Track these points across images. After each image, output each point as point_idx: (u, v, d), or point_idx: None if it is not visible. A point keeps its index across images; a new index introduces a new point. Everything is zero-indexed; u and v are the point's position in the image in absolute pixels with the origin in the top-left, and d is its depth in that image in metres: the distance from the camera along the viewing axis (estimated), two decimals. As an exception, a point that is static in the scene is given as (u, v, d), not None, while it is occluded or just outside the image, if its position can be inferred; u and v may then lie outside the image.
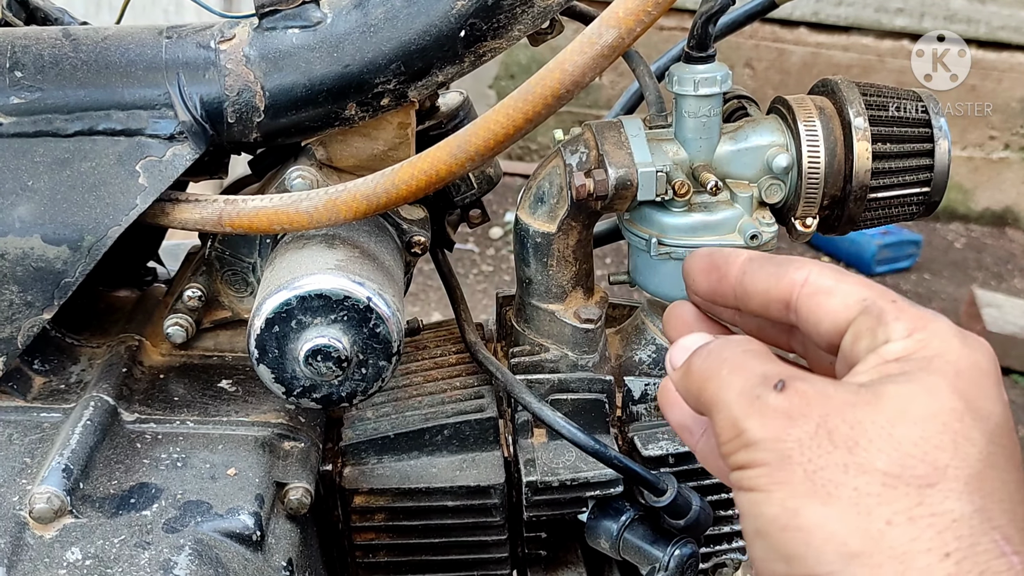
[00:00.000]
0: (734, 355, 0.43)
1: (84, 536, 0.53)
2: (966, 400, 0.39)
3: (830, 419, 0.38)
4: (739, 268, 0.48)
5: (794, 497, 0.38)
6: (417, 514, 0.68)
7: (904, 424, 0.38)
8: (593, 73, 0.54)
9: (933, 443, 0.37)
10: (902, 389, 0.39)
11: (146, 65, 0.60)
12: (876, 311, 0.42)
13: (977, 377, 0.40)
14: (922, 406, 0.38)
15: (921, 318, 0.42)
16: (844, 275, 0.45)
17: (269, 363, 0.58)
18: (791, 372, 0.41)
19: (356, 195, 0.58)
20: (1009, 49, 3.78)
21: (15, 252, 0.58)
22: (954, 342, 0.41)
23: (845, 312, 0.43)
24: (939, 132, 0.66)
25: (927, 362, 0.40)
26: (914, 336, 0.41)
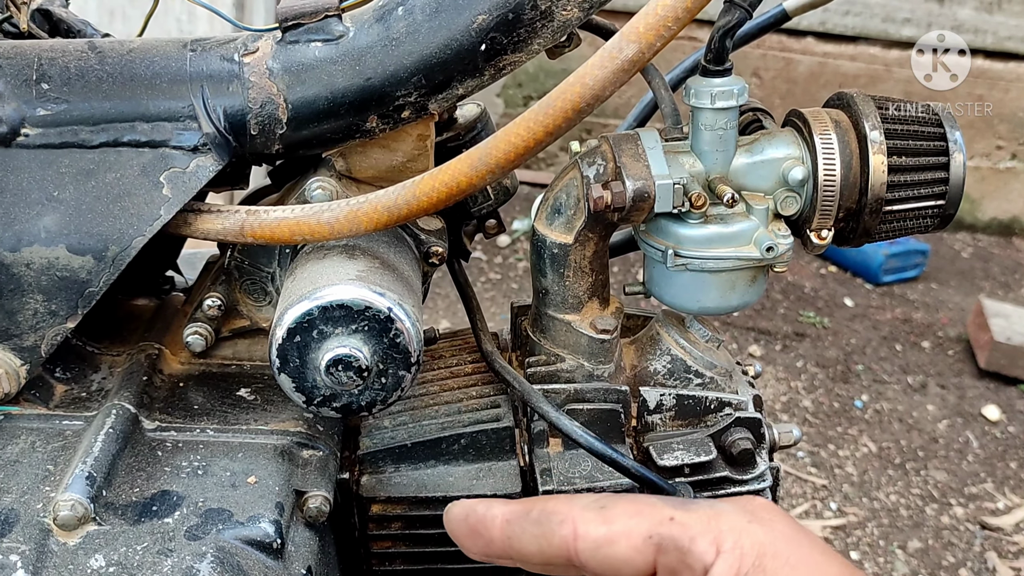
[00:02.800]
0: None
1: (107, 543, 0.54)
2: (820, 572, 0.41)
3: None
4: (501, 534, 0.46)
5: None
6: (434, 523, 0.68)
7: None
8: (613, 87, 0.54)
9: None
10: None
11: (171, 77, 0.61)
12: (671, 545, 0.42)
13: (796, 550, 0.42)
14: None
15: (711, 519, 0.42)
16: (609, 511, 0.43)
17: (290, 372, 0.58)
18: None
19: (377, 206, 0.58)
20: (1016, 59, 3.78)
21: (40, 262, 0.59)
22: (757, 532, 0.42)
23: (640, 557, 0.43)
24: (954, 145, 0.66)
25: (762, 571, 0.41)
26: (724, 548, 0.41)
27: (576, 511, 0.44)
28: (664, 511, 0.43)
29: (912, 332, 3.12)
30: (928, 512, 2.30)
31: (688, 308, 0.70)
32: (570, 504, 0.45)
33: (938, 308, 3.29)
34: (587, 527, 0.44)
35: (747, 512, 0.43)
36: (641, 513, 0.43)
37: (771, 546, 0.41)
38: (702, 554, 0.41)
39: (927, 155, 0.66)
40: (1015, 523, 2.28)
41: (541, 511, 0.45)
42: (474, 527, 0.47)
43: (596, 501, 0.44)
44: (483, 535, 0.47)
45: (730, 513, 0.43)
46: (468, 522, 0.48)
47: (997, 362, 2.80)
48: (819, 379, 2.80)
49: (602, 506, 0.44)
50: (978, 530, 2.25)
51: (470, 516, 0.48)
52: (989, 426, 2.64)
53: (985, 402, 2.73)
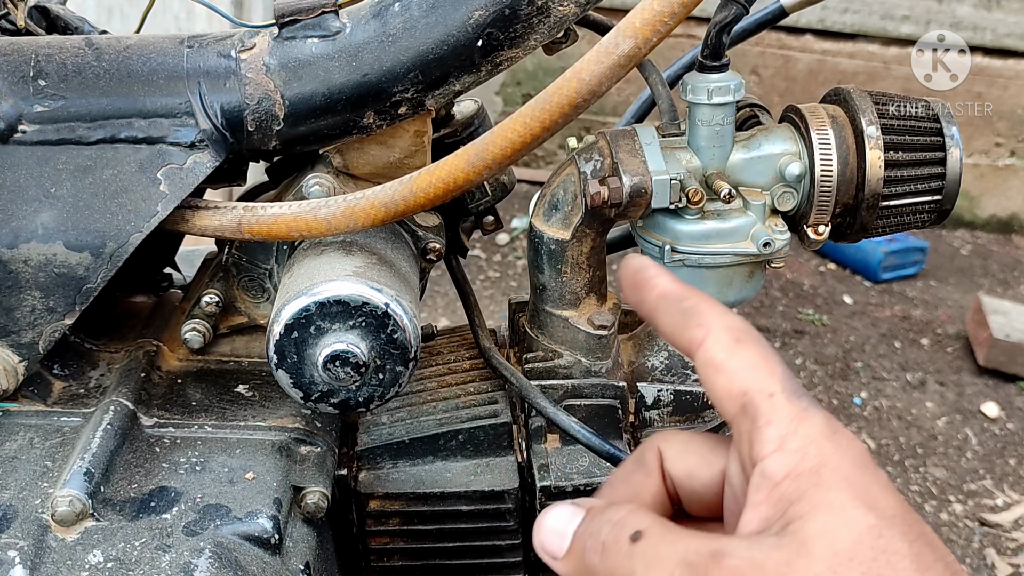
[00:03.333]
0: (634, 548, 0.41)
1: (105, 539, 0.54)
2: (870, 507, 0.40)
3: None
4: (652, 302, 0.48)
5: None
6: (431, 518, 0.68)
7: (843, 566, 0.39)
8: (610, 82, 0.54)
9: (875, 573, 0.38)
10: (818, 525, 0.40)
11: (167, 74, 0.61)
12: (751, 412, 0.43)
13: (863, 478, 0.41)
14: (845, 538, 0.39)
15: (792, 419, 0.42)
16: (738, 345, 0.45)
17: (288, 368, 0.58)
18: (707, 547, 0.40)
19: (374, 202, 0.58)
20: (1015, 56, 3.78)
21: (38, 258, 0.59)
22: (827, 446, 0.42)
23: (729, 403, 0.44)
24: (951, 140, 0.66)
25: (816, 476, 0.41)
26: (787, 448, 0.42)
27: (716, 327, 0.45)
28: (771, 383, 0.44)
29: (911, 329, 3.12)
30: (927, 509, 2.30)
31: (685, 304, 0.69)
32: (716, 317, 0.46)
33: (937, 305, 3.29)
34: (713, 347, 0.45)
35: (830, 429, 0.43)
36: (757, 370, 0.44)
37: (835, 461, 0.41)
38: (764, 442, 0.42)
39: (924, 150, 0.66)
40: (1014, 520, 2.28)
41: (691, 307, 0.47)
42: (638, 284, 0.49)
43: (736, 330, 0.45)
44: (639, 294, 0.49)
45: (814, 422, 0.43)
46: (635, 277, 0.49)
47: (996, 359, 2.80)
48: (818, 376, 2.80)
49: (738, 339, 0.45)
50: (977, 527, 2.25)
51: (639, 273, 0.49)
52: (988, 423, 2.64)
53: (984, 399, 2.73)
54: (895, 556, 0.39)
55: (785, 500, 0.41)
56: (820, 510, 0.40)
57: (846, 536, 0.39)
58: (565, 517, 0.44)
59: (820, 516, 0.40)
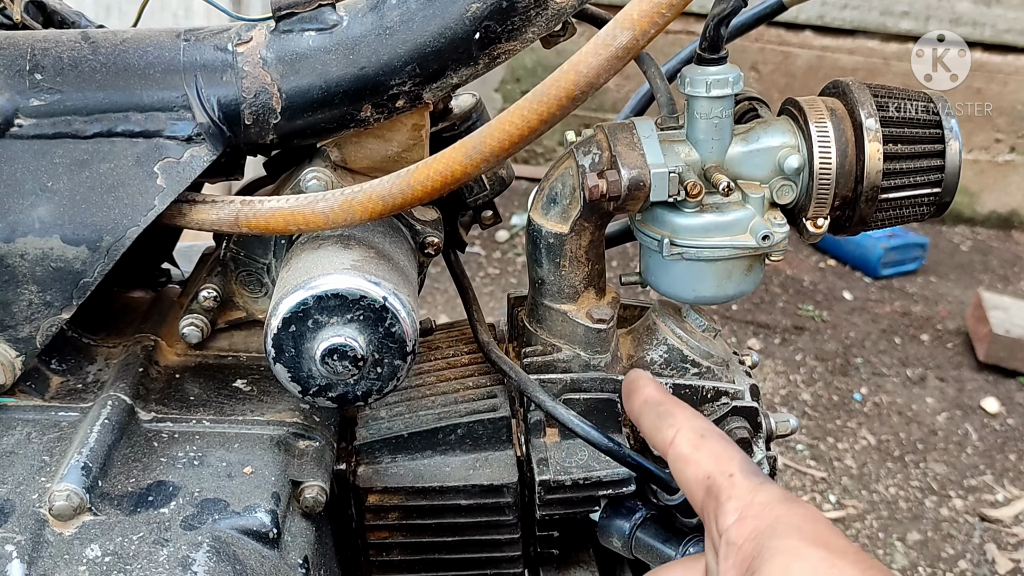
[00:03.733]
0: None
1: (103, 533, 0.54)
2: (821, 546, 0.46)
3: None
4: (637, 407, 0.59)
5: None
6: (430, 513, 0.68)
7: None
8: (607, 75, 0.54)
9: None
10: (777, 568, 0.46)
11: (164, 67, 0.61)
12: (715, 492, 0.52)
13: (813, 526, 0.48)
14: (800, 572, 0.45)
15: (749, 491, 0.51)
16: (702, 440, 0.54)
17: (286, 362, 0.58)
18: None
19: (372, 196, 0.58)
20: (1015, 52, 3.77)
21: (35, 252, 0.59)
22: (780, 508, 0.49)
23: (696, 489, 0.53)
24: (950, 133, 0.66)
25: (772, 531, 0.48)
26: (745, 515, 0.49)
27: (684, 427, 0.56)
28: (730, 466, 0.53)
29: (911, 325, 3.12)
30: (927, 504, 2.30)
31: (684, 297, 0.69)
32: (685, 419, 0.56)
33: (937, 301, 3.29)
34: (681, 443, 0.55)
35: (784, 496, 0.51)
36: (718, 458, 0.53)
37: (788, 517, 0.48)
38: (727, 515, 0.50)
39: (923, 143, 0.66)
40: (1014, 515, 2.28)
41: (665, 411, 0.58)
42: (628, 392, 0.62)
43: (701, 429, 0.55)
44: (630, 399, 0.62)
45: (769, 491, 0.51)
46: (629, 385, 0.62)
47: (996, 355, 2.80)
48: (818, 372, 2.80)
49: (701, 435, 0.55)
50: (977, 522, 2.25)
51: (632, 383, 0.62)
52: (988, 418, 2.64)
53: (984, 394, 2.73)
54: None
55: (748, 558, 0.48)
56: (777, 555, 0.46)
57: (802, 570, 0.45)
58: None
59: (777, 560, 0.46)
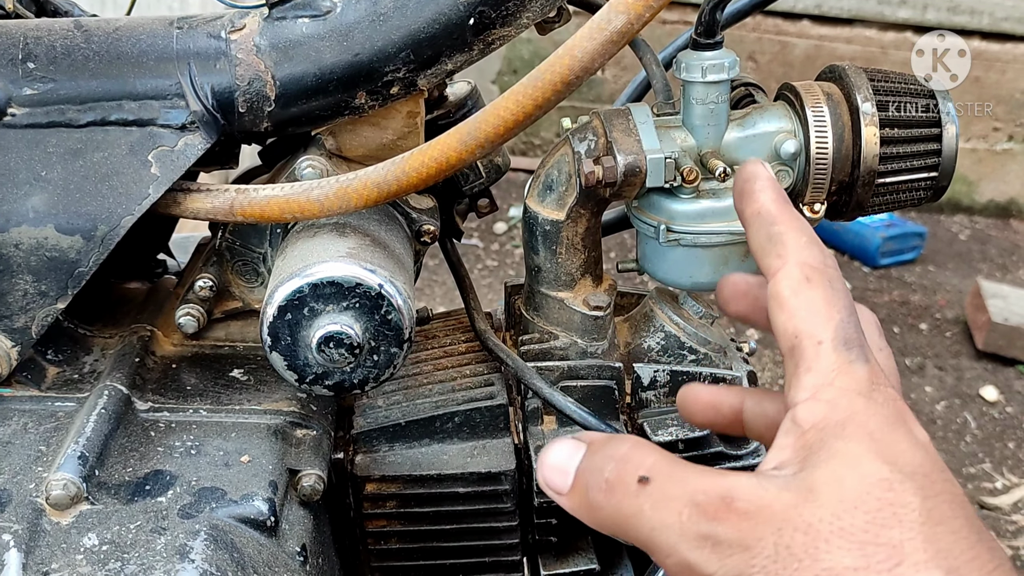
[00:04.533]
0: (642, 487, 0.41)
1: (100, 522, 0.54)
2: (888, 462, 0.40)
3: (784, 533, 0.38)
4: (748, 217, 0.48)
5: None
6: (428, 501, 0.68)
7: (847, 513, 0.39)
8: (602, 59, 0.54)
9: (879, 523, 0.38)
10: (829, 472, 0.40)
11: (157, 56, 0.60)
12: (798, 355, 0.44)
13: (889, 433, 0.41)
14: (853, 487, 0.39)
15: (832, 370, 0.43)
16: (805, 284, 0.45)
17: (282, 350, 0.58)
18: (717, 487, 0.40)
19: (367, 183, 0.58)
20: (1013, 40, 3.77)
21: (29, 242, 0.59)
22: (859, 401, 0.42)
23: (783, 340, 0.45)
24: (947, 117, 0.66)
25: (841, 428, 0.41)
26: (819, 398, 0.42)
27: (792, 261, 0.46)
28: (824, 330, 0.44)
29: (910, 314, 3.12)
30: (926, 493, 2.30)
31: (681, 284, 0.69)
32: (796, 250, 0.46)
33: (936, 290, 3.29)
34: (782, 281, 0.45)
35: (870, 384, 0.43)
36: (815, 314, 0.44)
37: (864, 416, 0.41)
38: (800, 389, 0.43)
39: (920, 127, 0.66)
40: (1013, 503, 2.28)
41: (777, 234, 0.47)
42: (742, 193, 0.49)
43: (809, 267, 0.45)
44: (742, 203, 0.49)
45: (855, 376, 0.43)
46: (743, 186, 0.49)
47: (995, 343, 2.80)
48: (817, 362, 2.80)
49: (808, 277, 0.45)
50: (976, 510, 2.26)
51: (748, 182, 0.49)
52: (987, 407, 2.64)
53: (983, 383, 2.73)
54: (903, 509, 0.38)
55: (806, 448, 0.41)
56: (835, 459, 0.40)
57: (854, 485, 0.39)
58: (566, 452, 0.45)
59: (833, 465, 0.40)
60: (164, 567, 0.51)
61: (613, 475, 0.42)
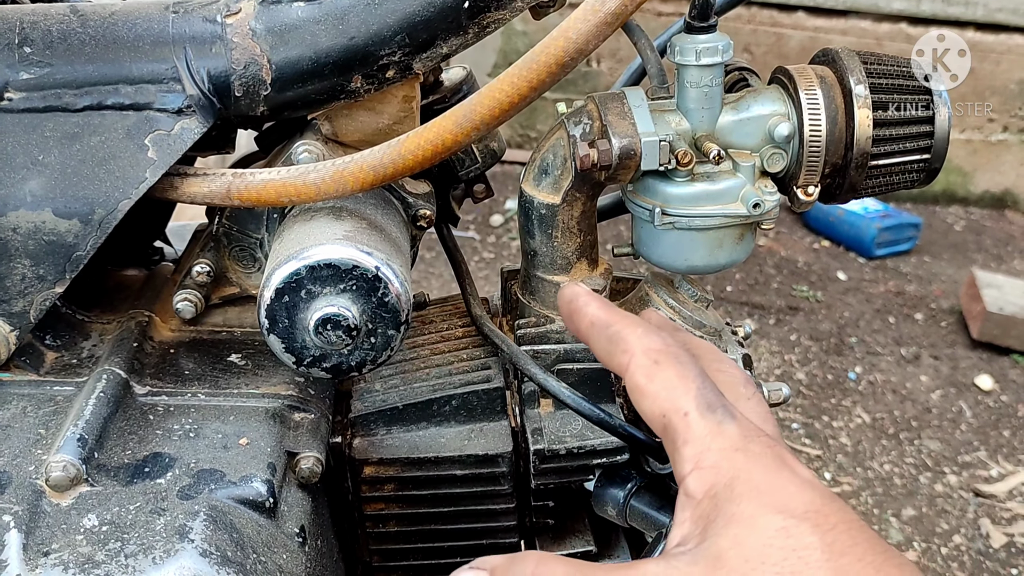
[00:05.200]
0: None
1: (100, 503, 0.54)
2: (779, 511, 0.42)
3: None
4: (584, 331, 0.52)
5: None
6: (426, 483, 0.69)
7: (755, 571, 0.41)
8: (597, 41, 0.54)
9: (788, 571, 0.40)
10: (730, 537, 0.42)
11: (153, 40, 0.61)
12: (671, 433, 0.46)
13: (775, 481, 0.43)
14: (755, 545, 0.41)
15: (706, 435, 0.45)
16: (655, 368, 0.47)
17: (279, 333, 0.59)
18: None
19: (363, 166, 0.58)
20: (1007, 31, 3.77)
21: (27, 226, 0.59)
22: (739, 458, 0.44)
23: (654, 424, 0.47)
24: (939, 99, 0.66)
25: (729, 490, 0.43)
26: (702, 465, 0.44)
27: (637, 352, 0.48)
28: (686, 402, 0.46)
29: (905, 304, 3.13)
30: (922, 480, 2.32)
31: (676, 267, 0.70)
32: (637, 340, 0.49)
33: (931, 281, 3.30)
34: (635, 372, 0.48)
35: (743, 439, 0.45)
36: (673, 390, 0.47)
37: (747, 472, 0.43)
38: (683, 462, 0.45)
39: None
40: (1008, 490, 2.30)
41: (615, 333, 0.50)
42: (570, 313, 0.53)
43: (655, 353, 0.48)
44: (574, 322, 0.53)
45: (727, 435, 0.45)
46: (569, 306, 0.53)
47: (990, 332, 2.81)
48: (813, 352, 2.81)
49: (655, 361, 0.48)
50: (972, 497, 2.27)
51: (572, 303, 0.53)
52: (982, 396, 2.65)
53: (978, 372, 2.74)
54: (805, 551, 0.40)
55: (703, 518, 0.44)
56: (732, 523, 0.42)
57: (755, 543, 0.41)
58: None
59: (732, 529, 0.42)
60: (164, 547, 0.51)
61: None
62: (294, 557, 0.57)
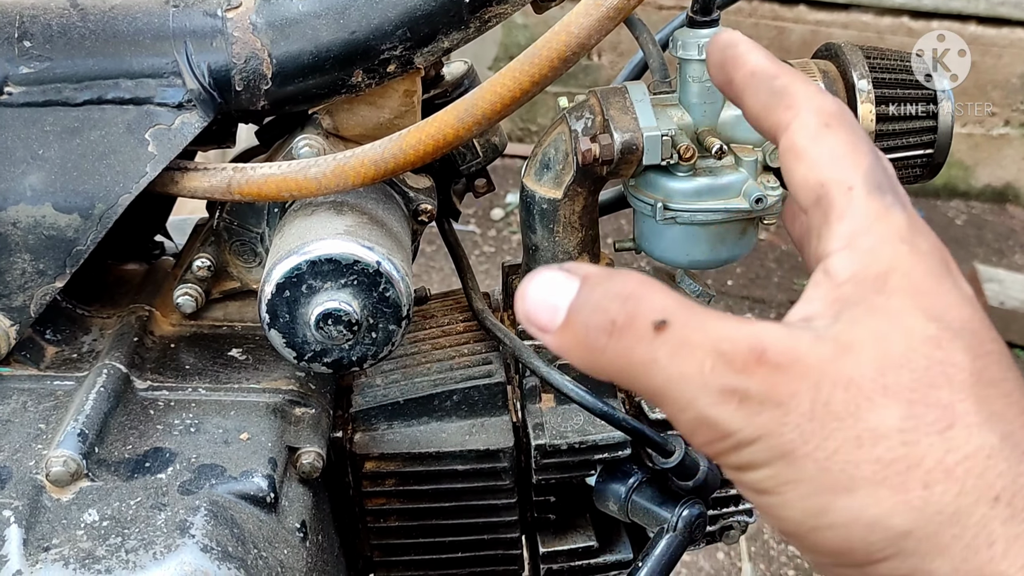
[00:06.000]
0: (658, 333, 0.35)
1: (101, 498, 0.54)
2: (935, 318, 0.36)
3: (822, 389, 0.34)
4: (741, 81, 0.43)
5: (814, 495, 0.34)
6: (427, 479, 0.69)
7: (893, 370, 0.35)
8: (599, 35, 0.54)
9: (927, 382, 0.34)
10: (870, 328, 0.36)
11: (153, 34, 0.60)
12: (826, 205, 0.39)
13: (935, 287, 0.37)
14: (899, 344, 0.35)
15: (868, 216, 0.38)
16: (825, 130, 0.40)
17: (280, 328, 0.58)
18: (744, 336, 0.35)
19: (364, 161, 0.58)
20: (1009, 25, 3.76)
21: (27, 220, 0.59)
22: (902, 250, 0.37)
23: (805, 193, 0.40)
24: (942, 94, 0.66)
25: (882, 281, 0.37)
26: (857, 247, 0.38)
27: (805, 108, 0.41)
28: (853, 175, 0.39)
29: (906, 299, 3.12)
30: (922, 476, 2.31)
31: (678, 262, 0.70)
32: (808, 98, 0.41)
33: (932, 275, 3.30)
34: (797, 131, 0.40)
35: (911, 230, 0.38)
36: (840, 159, 0.40)
37: (907, 266, 0.37)
38: (832, 238, 0.38)
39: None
40: (1008, 485, 2.29)
41: (783, 87, 0.42)
42: (727, 61, 0.44)
43: (827, 113, 0.40)
44: (727, 72, 0.44)
45: (893, 221, 0.38)
46: (724, 54, 0.44)
47: (991, 327, 2.81)
48: (813, 347, 2.80)
49: (827, 123, 0.40)
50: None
51: (729, 49, 0.44)
52: (983, 391, 2.65)
53: (979, 367, 2.74)
54: (952, 368, 0.35)
55: (840, 302, 0.37)
56: (876, 314, 0.36)
57: (900, 342, 0.35)
58: (555, 285, 0.36)
59: (875, 321, 0.36)
60: (164, 542, 0.51)
61: (622, 316, 0.35)
62: (295, 552, 0.57)
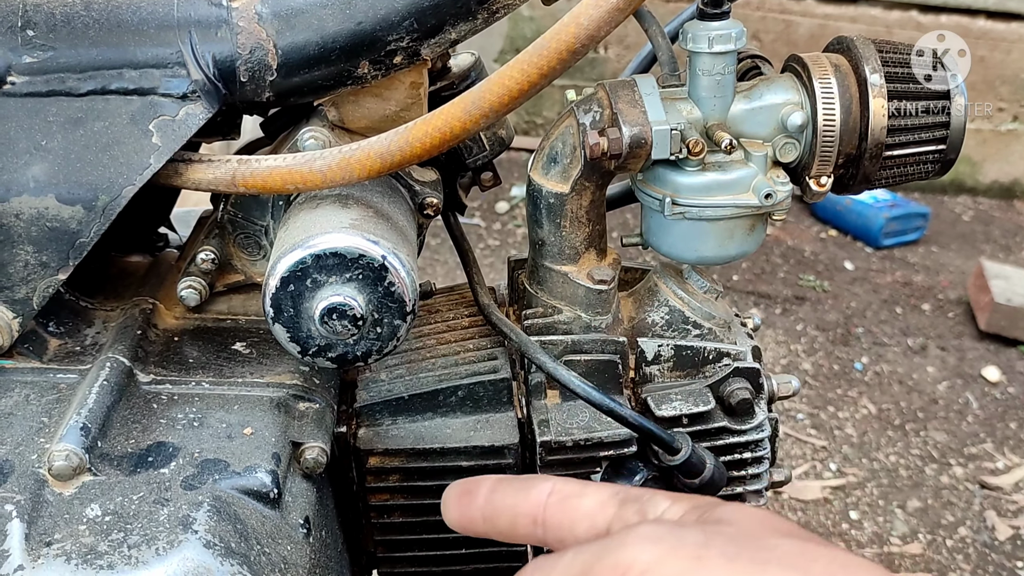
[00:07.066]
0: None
1: (103, 493, 0.54)
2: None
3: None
4: (488, 488, 0.50)
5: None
6: (431, 474, 0.68)
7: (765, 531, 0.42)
8: (608, 27, 0.53)
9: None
10: (730, 510, 0.43)
11: (158, 24, 0.60)
12: (634, 499, 0.46)
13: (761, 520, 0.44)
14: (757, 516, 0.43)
15: (677, 496, 0.46)
16: (587, 483, 0.48)
17: (284, 322, 0.58)
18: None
19: (370, 153, 0.57)
20: (1018, 20, 3.73)
21: (30, 212, 0.58)
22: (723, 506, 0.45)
23: (602, 510, 0.46)
24: (955, 89, 0.65)
25: (713, 509, 0.44)
26: (678, 503, 0.45)
27: (561, 478, 0.49)
28: (636, 489, 0.48)
29: (912, 295, 3.11)
30: (928, 472, 2.31)
31: (686, 258, 0.69)
32: (555, 479, 0.49)
33: (938, 271, 3.28)
34: (565, 484, 0.48)
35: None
36: (618, 487, 0.48)
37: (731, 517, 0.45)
38: (659, 505, 0.45)
39: (928, 99, 0.65)
40: (1014, 482, 2.29)
41: (529, 477, 0.51)
42: (467, 486, 0.52)
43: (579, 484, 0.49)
44: (471, 492, 0.51)
45: (695, 501, 0.46)
46: (464, 483, 0.52)
47: (997, 323, 2.80)
48: (819, 342, 2.80)
49: (583, 484, 0.49)
50: (977, 489, 2.26)
51: (468, 480, 0.52)
52: (989, 387, 2.64)
53: (985, 363, 2.73)
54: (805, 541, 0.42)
55: (698, 513, 0.44)
56: (737, 513, 0.43)
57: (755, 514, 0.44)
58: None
59: (741, 512, 0.43)
60: (167, 537, 0.51)
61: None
62: (298, 548, 0.57)
